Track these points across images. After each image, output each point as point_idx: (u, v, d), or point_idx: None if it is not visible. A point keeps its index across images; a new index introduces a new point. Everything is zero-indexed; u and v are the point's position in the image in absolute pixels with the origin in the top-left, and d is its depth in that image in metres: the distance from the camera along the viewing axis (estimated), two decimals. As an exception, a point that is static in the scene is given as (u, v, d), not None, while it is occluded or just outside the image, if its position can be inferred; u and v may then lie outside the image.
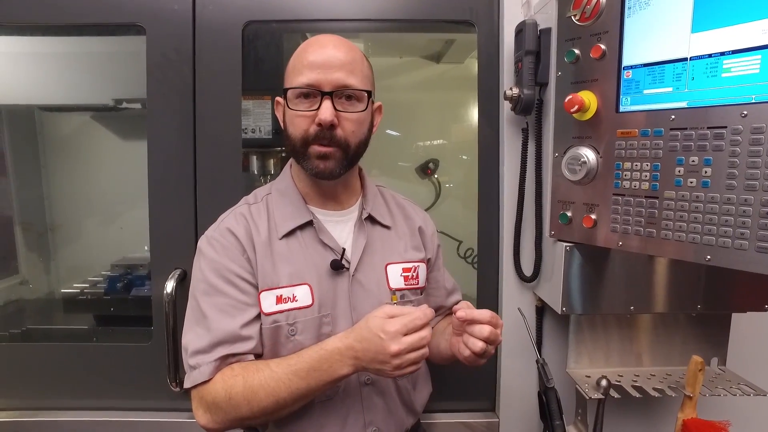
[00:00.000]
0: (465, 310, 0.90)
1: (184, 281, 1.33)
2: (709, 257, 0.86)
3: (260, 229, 0.96)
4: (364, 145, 0.99)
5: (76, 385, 1.39)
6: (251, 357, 0.92)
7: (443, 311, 1.21)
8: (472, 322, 0.90)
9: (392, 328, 0.82)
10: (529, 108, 1.20)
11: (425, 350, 0.84)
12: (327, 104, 0.90)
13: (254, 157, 1.87)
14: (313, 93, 0.91)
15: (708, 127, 0.85)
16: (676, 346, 1.21)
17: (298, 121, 0.93)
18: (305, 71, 0.91)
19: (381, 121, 1.07)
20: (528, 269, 1.27)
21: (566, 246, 1.11)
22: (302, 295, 0.94)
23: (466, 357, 0.91)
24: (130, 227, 2.15)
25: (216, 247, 0.94)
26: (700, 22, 0.85)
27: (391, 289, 1.02)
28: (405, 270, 1.05)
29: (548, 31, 1.14)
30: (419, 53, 2.23)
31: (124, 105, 1.95)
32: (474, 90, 1.34)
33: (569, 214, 1.09)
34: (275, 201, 1.01)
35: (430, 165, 2.13)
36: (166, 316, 1.26)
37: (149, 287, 1.69)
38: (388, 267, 1.03)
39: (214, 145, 1.34)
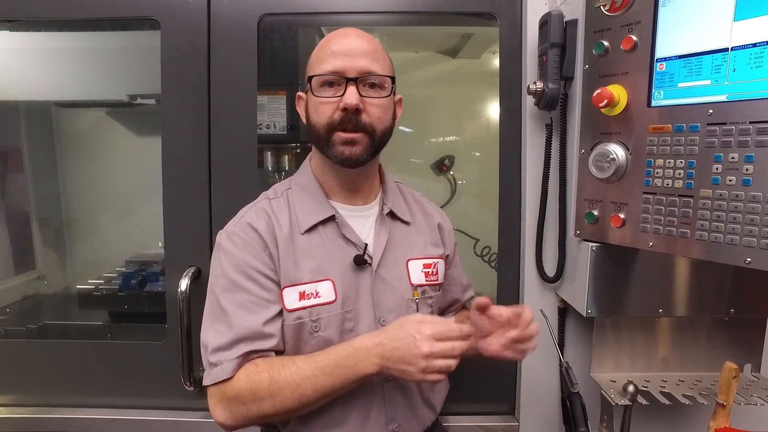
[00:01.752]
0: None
1: (198, 279, 1.31)
2: (749, 260, 0.81)
3: (282, 224, 0.95)
4: (388, 133, 0.98)
5: (91, 382, 1.38)
6: (273, 354, 0.91)
7: (457, 305, 1.21)
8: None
9: (428, 330, 0.83)
10: (553, 103, 1.16)
11: (453, 362, 0.83)
12: (352, 89, 0.90)
13: (269, 153, 1.85)
14: (338, 80, 0.91)
15: (751, 122, 0.80)
16: (705, 351, 1.17)
17: (323, 108, 0.92)
18: (329, 59, 0.91)
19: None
20: (550, 269, 1.23)
21: (592, 246, 1.06)
22: (325, 291, 0.93)
23: (493, 352, 0.92)
24: (144, 223, 2.15)
25: (237, 243, 0.92)
26: (744, 9, 0.80)
27: (412, 284, 1.01)
28: (425, 266, 1.04)
29: (575, 22, 1.10)
30: (435, 48, 2.19)
31: (139, 101, 1.94)
32: (491, 85, 1.31)
33: (596, 213, 1.04)
34: (296, 196, 0.99)
35: (446, 161, 2.09)
36: (180, 314, 1.25)
37: (163, 284, 1.69)
38: (409, 263, 1.03)
39: (229, 141, 1.32)
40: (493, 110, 1.30)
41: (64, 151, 2.15)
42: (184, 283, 1.26)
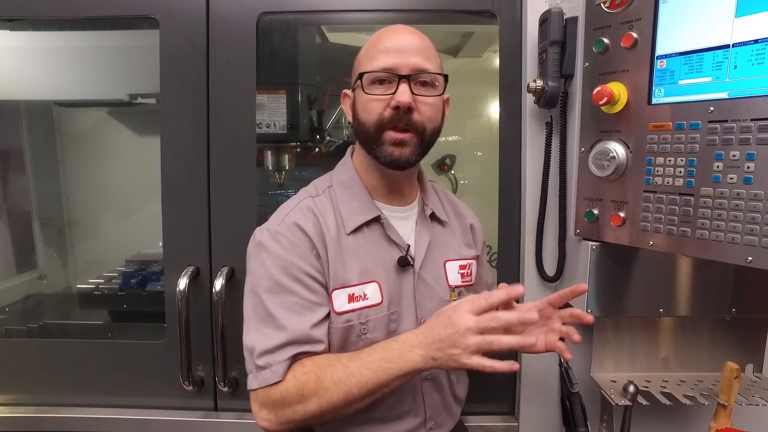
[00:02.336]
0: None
1: (197, 278, 1.30)
2: (750, 258, 0.81)
3: (329, 224, 0.93)
4: (437, 133, 0.96)
5: (90, 381, 1.38)
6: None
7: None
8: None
9: (464, 306, 0.79)
10: (553, 101, 1.15)
11: (505, 338, 0.77)
12: (404, 87, 0.88)
13: (269, 153, 1.84)
14: (389, 78, 0.89)
15: (752, 119, 0.79)
16: (707, 351, 1.15)
17: (373, 105, 0.90)
18: (381, 56, 0.89)
19: None
20: (550, 269, 1.22)
21: (592, 245, 1.06)
22: (372, 293, 0.92)
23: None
24: (145, 223, 2.15)
25: (282, 243, 0.89)
26: (746, 5, 0.80)
27: (450, 286, 1.02)
28: (461, 267, 1.05)
29: (575, 20, 1.09)
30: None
31: (139, 100, 1.94)
32: (492, 84, 1.30)
33: (596, 211, 1.04)
34: (340, 194, 0.97)
35: (447, 161, 2.09)
36: (179, 313, 1.24)
37: (163, 283, 1.69)
38: (447, 264, 1.03)
39: (228, 140, 1.31)
40: (494, 109, 1.29)
41: (66, 151, 2.15)
42: (182, 283, 1.26)
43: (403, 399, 0.94)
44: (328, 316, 0.90)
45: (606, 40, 1.00)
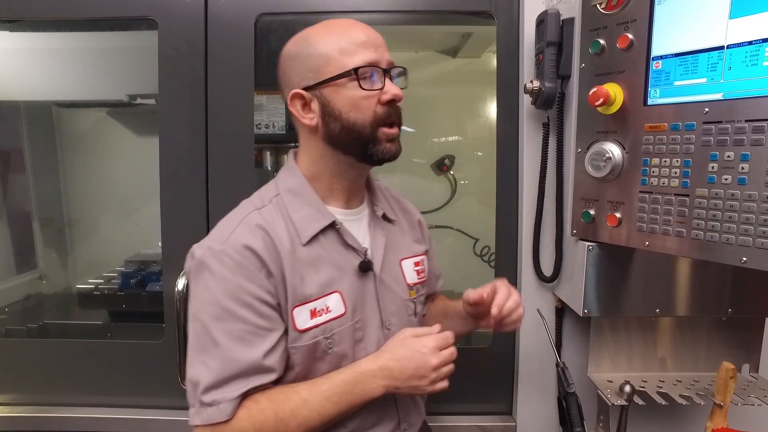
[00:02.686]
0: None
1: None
2: (745, 259, 0.81)
3: (281, 237, 0.85)
4: None
5: (90, 381, 1.39)
6: (271, 386, 0.84)
7: (433, 296, 1.20)
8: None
9: (431, 343, 0.85)
10: (550, 102, 1.15)
11: (453, 366, 0.87)
12: (389, 81, 0.86)
13: (267, 153, 1.85)
14: (376, 72, 0.85)
15: (746, 120, 0.80)
16: (703, 351, 1.16)
17: (367, 103, 0.84)
18: (360, 50, 0.83)
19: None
20: (548, 269, 1.23)
21: (588, 245, 1.06)
22: (334, 305, 0.87)
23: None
24: (144, 223, 2.16)
25: (227, 264, 0.81)
26: (740, 7, 0.80)
27: (408, 284, 1.00)
28: (416, 264, 1.03)
29: (571, 21, 1.09)
30: (435, 47, 2.19)
31: (138, 100, 1.94)
32: (491, 85, 1.30)
33: (592, 212, 1.04)
34: (289, 202, 0.89)
35: (446, 161, 2.09)
36: (177, 313, 1.25)
37: (162, 283, 1.69)
38: (402, 262, 1.01)
39: (227, 141, 1.32)
40: (494, 109, 1.29)
41: (65, 151, 2.15)
42: (180, 283, 1.26)
43: (377, 407, 0.92)
44: (282, 339, 0.84)
45: (602, 41, 1.00)
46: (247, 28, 1.28)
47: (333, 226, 0.90)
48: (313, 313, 0.85)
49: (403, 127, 2.16)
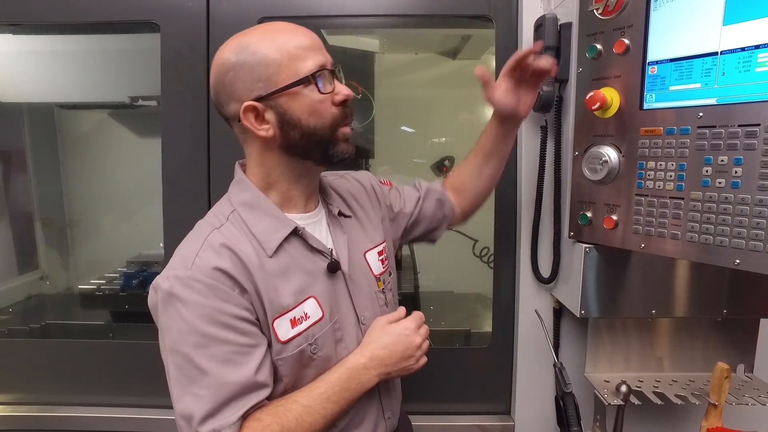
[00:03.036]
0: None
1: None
2: (738, 261, 0.82)
3: (246, 252, 0.83)
4: None
5: (94, 381, 1.41)
6: (267, 401, 0.82)
7: (427, 192, 1.16)
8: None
9: (411, 324, 0.93)
10: (548, 105, 1.17)
11: (426, 343, 0.95)
12: (337, 82, 0.87)
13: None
14: (326, 75, 0.84)
15: (739, 125, 0.81)
16: (699, 351, 1.17)
17: (324, 106, 0.84)
18: (309, 54, 0.83)
19: (396, 117, 1.05)
20: (546, 270, 1.24)
21: (585, 247, 1.07)
22: (312, 310, 0.87)
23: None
24: (145, 223, 2.17)
25: (199, 289, 0.78)
26: (733, 13, 0.81)
27: (375, 276, 1.00)
28: (379, 254, 1.03)
29: (569, 25, 1.11)
30: (435, 49, 2.20)
31: (140, 102, 1.96)
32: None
33: (589, 214, 1.05)
34: (247, 217, 0.87)
35: (446, 162, 2.10)
36: (179, 314, 1.26)
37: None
38: (367, 255, 1.00)
39: (228, 142, 1.33)
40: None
41: (67, 153, 2.17)
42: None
43: (363, 403, 0.93)
44: (267, 352, 0.83)
45: (599, 46, 1.01)
46: (248, 31, 1.30)
47: (296, 233, 0.89)
48: (293, 322, 0.85)
49: (403, 128, 2.19)
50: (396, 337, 0.91)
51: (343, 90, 0.86)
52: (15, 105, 1.99)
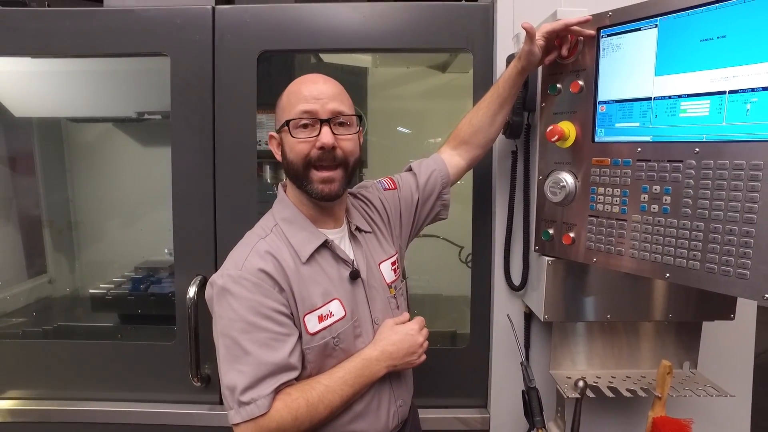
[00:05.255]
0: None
1: (204, 286, 1.46)
2: (668, 275, 0.97)
3: (286, 259, 1.01)
4: (358, 162, 1.11)
5: (108, 378, 1.55)
6: (295, 381, 0.99)
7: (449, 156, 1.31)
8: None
9: (415, 326, 1.11)
10: (517, 132, 1.31)
11: (425, 344, 1.12)
12: (326, 129, 1.01)
13: (267, 167, 2.00)
14: (312, 122, 1.01)
15: (668, 160, 0.96)
16: (650, 351, 1.32)
17: (300, 147, 1.01)
18: (301, 104, 1.01)
19: (390, 120, 1.18)
20: (517, 279, 1.39)
21: (548, 260, 1.22)
22: (336, 309, 1.04)
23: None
24: (149, 229, 2.28)
25: (247, 286, 0.97)
26: (662, 67, 0.96)
27: (387, 284, 1.17)
28: (392, 264, 1.20)
29: (535, 63, 1.25)
30: (426, 63, 2.33)
31: (146, 117, 2.08)
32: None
33: (551, 231, 1.20)
34: (286, 230, 1.06)
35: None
36: (188, 318, 1.40)
37: (170, 288, 1.84)
38: (381, 265, 1.17)
39: (232, 157, 1.47)
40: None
41: (73, 160, 2.27)
42: (192, 291, 1.42)
43: (378, 390, 1.09)
44: (298, 341, 1.00)
45: (559, 85, 1.16)
46: (250, 63, 1.43)
47: (325, 245, 1.07)
48: (321, 318, 1.03)
49: (399, 128, 2.30)
50: (403, 336, 1.08)
51: (322, 138, 1.01)
52: (26, 119, 2.11)
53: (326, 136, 1.01)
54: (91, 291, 2.11)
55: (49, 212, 2.25)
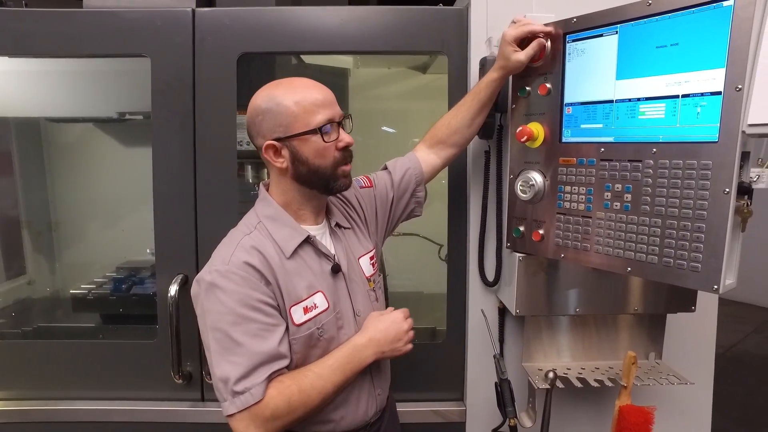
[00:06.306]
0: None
1: (186, 285, 1.48)
2: (629, 269, 1.03)
3: (270, 254, 1.05)
4: None
5: (92, 377, 1.56)
6: (286, 370, 1.03)
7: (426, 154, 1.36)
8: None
9: (400, 315, 1.14)
10: (490, 132, 1.36)
11: (410, 333, 1.16)
12: (343, 131, 1.08)
13: (249, 167, 2.03)
14: (334, 126, 1.06)
15: (628, 160, 1.01)
16: (617, 342, 1.38)
17: (328, 151, 1.06)
18: (320, 110, 1.04)
19: (373, 122, 1.21)
20: (491, 275, 1.43)
21: (519, 256, 1.27)
22: (320, 301, 1.09)
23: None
24: (131, 230, 2.27)
25: (235, 280, 0.99)
26: (623, 71, 1.02)
27: (367, 278, 1.22)
28: (370, 258, 1.25)
29: (506, 67, 1.29)
30: (406, 64, 2.36)
31: (127, 117, 2.08)
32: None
33: (522, 228, 1.25)
34: (270, 227, 1.09)
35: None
36: (170, 316, 1.42)
37: (152, 288, 1.85)
38: (360, 259, 1.22)
39: (213, 157, 1.49)
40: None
41: (53, 160, 2.25)
42: (173, 289, 1.43)
43: (358, 380, 1.13)
44: (285, 332, 1.03)
45: (528, 88, 1.21)
46: (230, 65, 1.46)
47: (308, 240, 1.11)
48: (306, 310, 1.07)
49: (384, 128, 2.34)
50: (389, 324, 1.12)
51: (345, 138, 1.07)
52: (3, 119, 2.09)
53: (348, 136, 1.09)
54: (72, 292, 2.11)
55: (28, 213, 2.23)
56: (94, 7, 1.51)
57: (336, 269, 1.13)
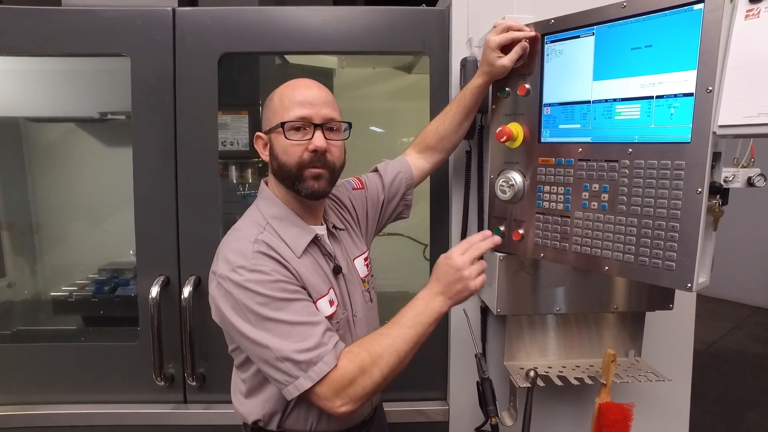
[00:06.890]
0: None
1: (167, 286, 1.47)
2: (607, 268, 1.04)
3: (284, 252, 1.04)
4: (343, 167, 1.16)
5: (72, 381, 1.54)
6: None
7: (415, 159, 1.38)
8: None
9: (453, 253, 1.06)
10: (471, 133, 1.37)
11: (483, 263, 1.08)
12: (319, 134, 1.05)
13: (233, 167, 2.01)
14: (305, 125, 1.05)
15: (605, 160, 1.02)
16: (598, 341, 1.39)
17: (294, 149, 1.05)
18: (297, 107, 1.05)
19: (360, 122, 1.21)
20: (473, 274, 1.44)
21: (500, 256, 1.28)
22: (334, 298, 1.11)
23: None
24: (113, 231, 2.25)
25: (265, 270, 0.98)
26: (599, 72, 1.03)
27: (362, 278, 1.22)
28: (365, 260, 1.25)
29: (486, 67, 1.30)
30: (391, 64, 2.37)
31: (109, 117, 2.06)
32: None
33: (502, 228, 1.26)
34: (278, 227, 1.08)
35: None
36: (151, 318, 1.41)
37: (134, 289, 1.83)
38: (355, 261, 1.23)
39: (194, 163, 1.48)
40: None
41: (34, 161, 2.22)
42: (154, 291, 1.42)
43: None
44: None
45: (507, 89, 1.22)
46: (211, 65, 1.45)
47: (315, 240, 1.12)
48: (330, 303, 1.09)
49: (372, 127, 2.35)
50: (442, 267, 1.05)
51: (316, 142, 1.05)
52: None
53: (319, 139, 1.05)
54: (53, 294, 2.08)
55: (8, 214, 2.20)
56: (73, 5, 1.49)
57: (337, 270, 1.14)
